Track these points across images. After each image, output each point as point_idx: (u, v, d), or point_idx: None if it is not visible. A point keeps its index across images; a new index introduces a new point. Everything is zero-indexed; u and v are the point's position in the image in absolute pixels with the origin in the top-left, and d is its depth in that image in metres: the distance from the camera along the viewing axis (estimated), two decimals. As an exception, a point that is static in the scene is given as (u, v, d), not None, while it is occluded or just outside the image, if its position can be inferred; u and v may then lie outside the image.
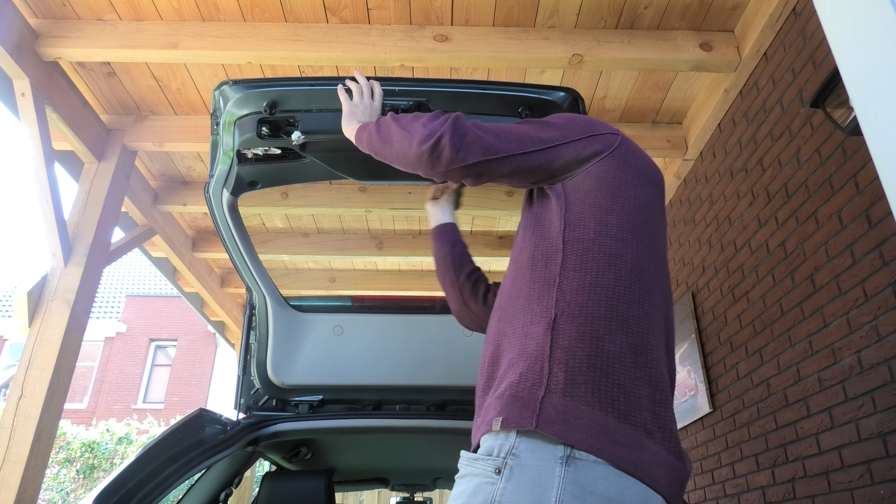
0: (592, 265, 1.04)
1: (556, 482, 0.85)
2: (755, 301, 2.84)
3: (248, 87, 1.56)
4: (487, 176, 1.16)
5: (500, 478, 0.88)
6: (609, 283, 1.02)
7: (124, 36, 2.72)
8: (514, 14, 2.71)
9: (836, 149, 2.26)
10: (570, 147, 1.15)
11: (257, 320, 2.35)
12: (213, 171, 1.77)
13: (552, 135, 1.16)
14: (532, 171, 1.15)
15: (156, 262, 4.74)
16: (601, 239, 1.06)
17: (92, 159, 3.21)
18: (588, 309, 0.99)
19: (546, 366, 0.96)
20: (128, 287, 20.12)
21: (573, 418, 0.90)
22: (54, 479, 11.19)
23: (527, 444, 0.89)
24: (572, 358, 0.95)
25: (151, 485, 1.59)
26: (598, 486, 0.85)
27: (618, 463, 0.87)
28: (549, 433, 0.88)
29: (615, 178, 1.13)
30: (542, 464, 0.87)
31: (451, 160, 1.13)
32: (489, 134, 1.15)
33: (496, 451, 0.91)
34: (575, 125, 1.19)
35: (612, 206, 1.10)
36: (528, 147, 1.14)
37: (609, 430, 0.89)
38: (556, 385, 0.93)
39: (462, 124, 1.15)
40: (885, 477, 1.96)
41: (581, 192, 1.12)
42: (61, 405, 2.77)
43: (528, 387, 0.95)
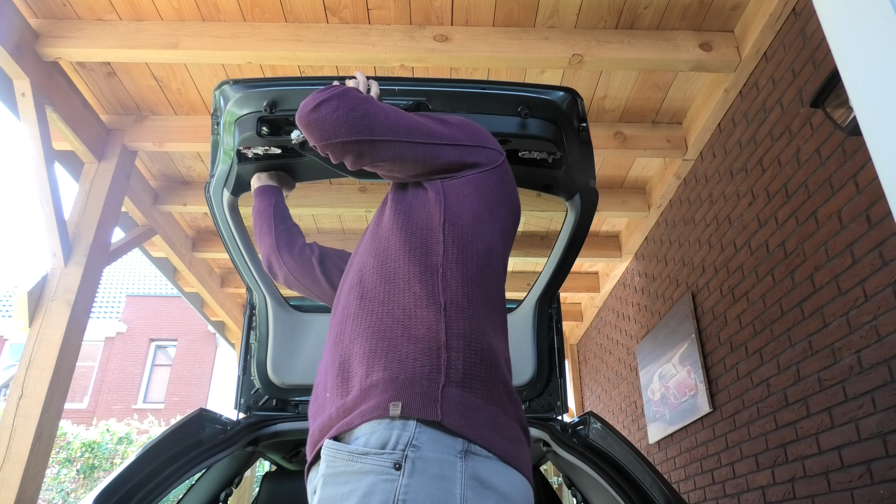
0: (472, 263, 1.05)
1: (459, 477, 0.81)
2: (755, 301, 2.84)
3: (249, 87, 1.56)
4: (369, 157, 1.13)
5: (401, 473, 0.80)
6: (484, 284, 1.04)
7: (124, 36, 2.72)
8: (514, 14, 2.71)
9: (836, 149, 2.26)
10: (457, 150, 1.16)
11: (257, 320, 2.36)
12: (213, 170, 1.77)
13: (444, 132, 1.16)
14: (414, 162, 1.13)
15: (156, 262, 4.74)
16: (477, 243, 1.07)
17: (92, 159, 3.21)
18: (473, 303, 1.00)
19: (444, 354, 0.92)
20: (128, 287, 20.12)
21: (471, 411, 0.87)
22: (54, 479, 11.19)
23: (427, 435, 0.83)
24: (468, 349, 0.93)
25: (151, 485, 1.59)
26: (492, 480, 0.84)
27: (506, 458, 0.87)
28: (451, 426, 0.84)
29: (491, 193, 1.15)
30: (444, 457, 0.82)
31: (335, 132, 1.10)
32: (381, 112, 1.13)
33: (392, 444, 0.83)
34: (467, 131, 1.20)
35: (487, 217, 1.12)
36: (417, 137, 1.13)
37: (499, 425, 0.89)
38: (455, 375, 0.90)
39: (353, 96, 1.12)
40: (884, 477, 1.96)
41: (460, 194, 1.12)
42: (61, 405, 2.77)
43: (425, 373, 0.89)
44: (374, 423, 0.86)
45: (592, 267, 5.33)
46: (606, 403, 5.45)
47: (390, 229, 1.12)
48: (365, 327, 1.01)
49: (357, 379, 0.95)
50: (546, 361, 2.33)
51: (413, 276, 1.02)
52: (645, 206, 4.03)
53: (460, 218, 1.09)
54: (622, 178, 3.98)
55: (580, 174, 1.74)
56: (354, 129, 1.10)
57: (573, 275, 5.38)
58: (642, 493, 1.71)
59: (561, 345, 2.36)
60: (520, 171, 1.77)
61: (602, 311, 5.61)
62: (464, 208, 1.11)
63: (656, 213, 4.04)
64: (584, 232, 1.89)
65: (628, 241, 4.54)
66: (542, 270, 2.21)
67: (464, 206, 1.11)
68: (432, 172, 1.15)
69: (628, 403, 4.82)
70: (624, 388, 4.94)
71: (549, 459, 2.33)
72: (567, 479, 2.20)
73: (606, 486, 1.74)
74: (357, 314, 1.04)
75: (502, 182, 1.18)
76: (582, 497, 2.13)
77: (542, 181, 1.82)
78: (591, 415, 2.09)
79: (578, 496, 2.15)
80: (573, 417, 4.41)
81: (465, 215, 1.10)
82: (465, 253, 1.05)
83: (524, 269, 5.23)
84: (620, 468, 1.81)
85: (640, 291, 4.50)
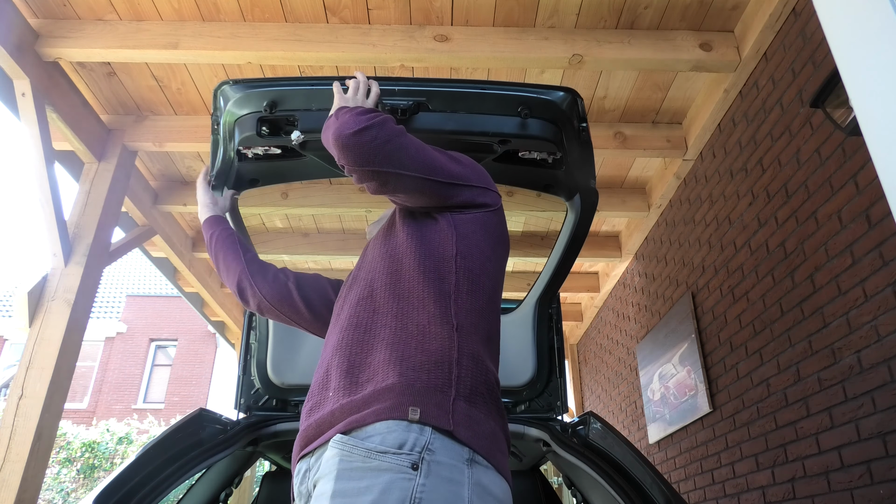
0: (480, 296, 1.14)
1: (466, 482, 0.88)
2: (755, 301, 2.84)
3: (249, 87, 1.56)
4: (392, 187, 1.20)
5: (418, 473, 0.85)
6: (488, 316, 1.14)
7: (124, 36, 2.72)
8: (514, 14, 2.71)
9: (835, 149, 2.26)
10: (470, 191, 1.25)
11: (257, 320, 2.36)
12: (213, 170, 1.77)
13: (459, 172, 1.25)
14: (432, 197, 1.22)
15: (156, 262, 4.74)
16: (483, 279, 1.17)
17: (92, 159, 3.21)
18: (479, 331, 1.10)
19: (455, 369, 1.00)
20: (128, 287, 20.12)
21: (476, 425, 0.96)
22: (54, 479, 11.19)
23: (440, 441, 0.91)
24: (475, 368, 1.03)
25: (151, 485, 1.59)
26: (492, 487, 0.92)
27: (500, 468, 0.96)
28: (460, 436, 0.92)
29: (494, 232, 1.25)
30: (454, 463, 0.89)
31: (368, 160, 1.16)
32: (411, 147, 1.20)
33: (410, 445, 0.88)
34: (476, 172, 1.29)
35: (491, 255, 1.21)
36: (437, 175, 1.21)
37: (497, 439, 0.99)
38: (464, 390, 0.99)
39: (391, 128, 1.20)
40: (884, 477, 1.96)
41: (469, 230, 1.21)
42: (61, 405, 2.77)
43: (438, 385, 0.97)
44: (391, 423, 0.91)
45: (592, 267, 5.33)
46: (606, 403, 5.45)
47: (404, 252, 1.19)
48: (380, 338, 1.08)
49: (369, 381, 1.01)
50: (546, 361, 2.33)
51: (428, 296, 1.10)
52: (645, 206, 4.03)
53: (470, 252, 1.18)
54: (622, 178, 3.98)
55: (580, 174, 1.74)
56: (387, 160, 1.17)
57: (573, 275, 5.38)
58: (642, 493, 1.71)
59: (561, 345, 2.36)
60: (520, 171, 1.77)
61: (602, 311, 5.61)
62: (472, 244, 1.20)
63: (656, 213, 4.04)
64: (584, 232, 1.89)
65: (628, 241, 4.54)
66: (542, 270, 2.21)
67: (472, 242, 1.20)
68: (446, 208, 1.24)
69: (628, 403, 4.82)
70: (624, 388, 4.94)
71: (549, 459, 2.33)
72: (567, 479, 2.20)
73: (606, 486, 1.74)
74: (370, 325, 1.11)
75: (501, 223, 1.28)
76: (582, 497, 2.13)
77: (542, 181, 1.82)
78: (590, 415, 2.09)
79: (578, 496, 2.15)
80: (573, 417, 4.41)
81: (475, 251, 1.19)
82: (474, 285, 1.15)
83: (524, 269, 5.23)
84: (620, 468, 1.81)
85: (640, 291, 4.50)
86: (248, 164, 1.74)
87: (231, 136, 1.65)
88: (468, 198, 1.25)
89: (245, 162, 1.73)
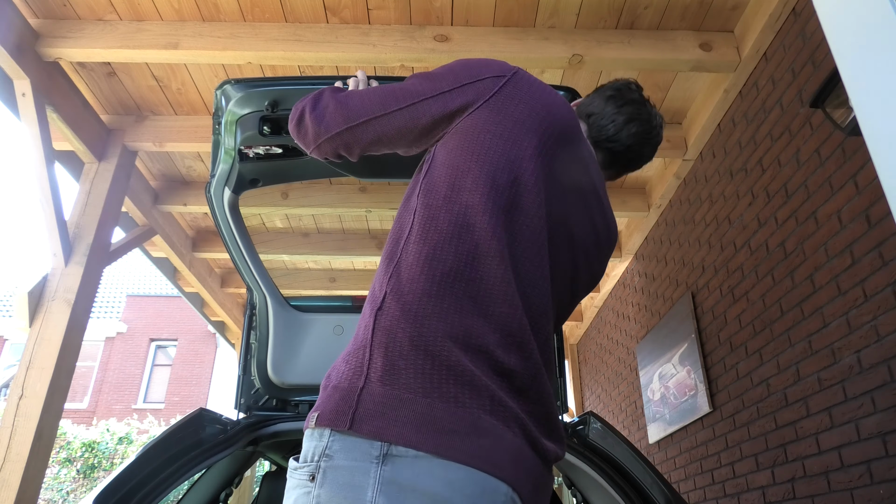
0: (434, 234, 0.90)
1: (371, 483, 0.76)
2: (755, 301, 2.84)
3: (250, 87, 1.56)
4: (357, 145, 1.08)
5: (315, 484, 0.78)
6: (448, 256, 0.89)
7: (124, 36, 2.73)
8: (514, 14, 2.71)
9: (835, 149, 2.26)
10: (438, 101, 1.01)
11: (257, 320, 2.36)
12: (214, 170, 1.77)
13: (422, 88, 1.03)
14: (398, 133, 1.04)
15: (156, 262, 4.74)
16: (449, 205, 0.92)
17: (92, 159, 3.21)
18: (419, 285, 0.87)
19: (367, 352, 0.85)
20: (128, 287, 20.12)
21: (391, 410, 0.79)
22: (54, 478, 11.19)
23: (340, 442, 0.80)
24: (392, 340, 0.84)
25: (151, 485, 1.59)
26: (419, 481, 0.76)
27: (445, 454, 0.77)
28: (363, 433, 0.79)
29: (482, 132, 0.96)
30: (356, 464, 0.77)
31: (316, 134, 1.10)
32: (352, 99, 1.07)
33: (311, 455, 0.81)
34: (453, 73, 1.03)
35: (471, 165, 0.94)
36: (391, 106, 1.03)
37: (434, 419, 0.79)
38: (375, 373, 0.83)
39: (325, 97, 1.11)
40: (884, 477, 1.96)
41: (445, 151, 0.98)
42: (61, 405, 2.77)
43: (348, 377, 0.85)
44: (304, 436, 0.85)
45: (592, 267, 5.33)
46: (606, 403, 5.45)
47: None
48: None
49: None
50: (546, 361, 2.33)
51: (378, 272, 0.95)
52: (645, 206, 4.03)
53: (436, 182, 0.95)
54: (622, 178, 3.98)
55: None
56: (330, 124, 1.08)
57: (573, 275, 5.37)
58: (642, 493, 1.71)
59: (561, 345, 2.36)
60: None
61: (602, 311, 5.61)
62: (444, 168, 0.95)
63: (656, 213, 4.04)
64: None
65: (628, 241, 4.54)
66: (542, 270, 2.20)
67: (444, 166, 0.96)
68: (424, 136, 1.03)
69: (628, 403, 4.82)
70: (624, 388, 4.94)
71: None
72: (567, 479, 2.20)
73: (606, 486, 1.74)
74: None
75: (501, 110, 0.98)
76: (582, 497, 2.13)
77: None
78: (591, 415, 2.09)
79: (578, 496, 2.15)
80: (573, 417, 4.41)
81: (443, 175, 0.95)
82: (428, 225, 0.92)
83: (524, 269, 5.23)
84: (620, 468, 1.81)
85: (640, 291, 4.50)
86: (249, 164, 1.74)
87: (232, 136, 1.66)
88: (438, 110, 1.00)
89: (246, 162, 1.73)
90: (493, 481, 0.78)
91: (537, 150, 0.97)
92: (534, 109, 0.99)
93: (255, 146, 1.68)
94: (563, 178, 1.02)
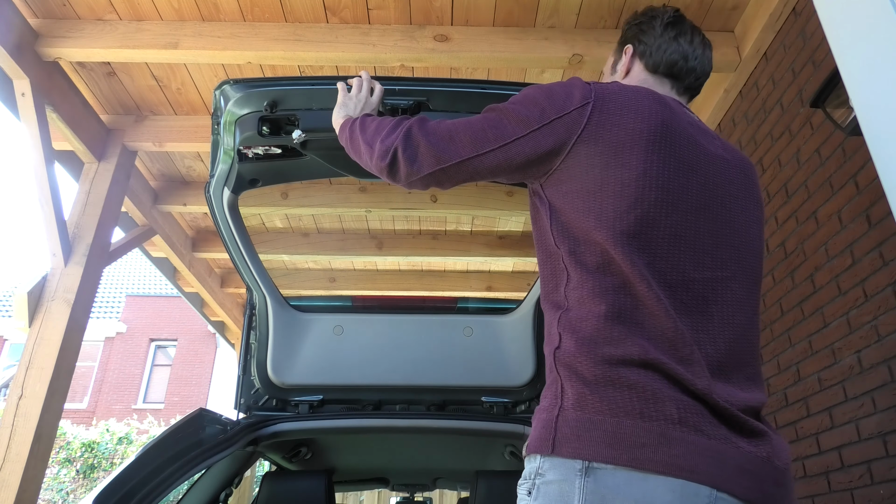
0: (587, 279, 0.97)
1: (577, 493, 0.85)
2: (755, 301, 2.84)
3: (249, 87, 1.56)
4: (449, 181, 1.13)
5: (531, 498, 0.90)
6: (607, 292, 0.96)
7: (124, 36, 2.72)
8: (514, 14, 2.71)
9: (836, 149, 2.26)
10: (529, 140, 1.03)
11: (257, 320, 2.36)
12: (213, 170, 1.77)
13: (512, 127, 1.05)
14: (491, 172, 1.09)
15: (156, 262, 4.74)
16: (586, 248, 0.98)
17: (92, 159, 3.21)
18: (588, 322, 0.95)
19: (559, 385, 0.96)
20: (128, 287, 20.12)
21: (585, 432, 0.88)
22: (54, 479, 11.19)
23: (549, 462, 0.90)
24: (575, 373, 0.94)
25: (151, 485, 1.59)
26: (621, 490, 0.84)
27: (639, 465, 0.84)
28: (565, 455, 0.88)
29: (591, 168, 0.99)
30: (563, 478, 0.87)
31: (409, 174, 1.12)
32: (443, 140, 1.10)
33: (529, 474, 0.93)
34: (539, 108, 1.04)
35: (591, 204, 0.98)
36: (483, 147, 1.07)
37: (624, 435, 0.86)
38: (568, 402, 0.93)
39: (414, 135, 1.12)
40: (885, 477, 1.96)
41: (561, 194, 1.03)
42: (61, 405, 2.77)
43: (547, 407, 0.96)
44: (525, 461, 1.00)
45: (592, 267, 5.33)
46: (606, 403, 5.44)
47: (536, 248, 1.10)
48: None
49: None
50: (546, 361, 2.33)
51: (548, 309, 1.04)
52: (645, 206, 4.02)
53: (568, 228, 1.01)
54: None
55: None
56: (423, 165, 1.11)
57: (573, 275, 5.37)
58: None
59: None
60: None
61: (602, 311, 5.60)
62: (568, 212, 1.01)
63: (656, 213, 4.03)
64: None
65: (628, 241, 4.53)
66: (543, 270, 2.20)
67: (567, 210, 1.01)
68: (519, 171, 1.07)
69: (628, 403, 4.82)
70: (624, 388, 4.94)
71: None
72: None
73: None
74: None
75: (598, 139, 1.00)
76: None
77: None
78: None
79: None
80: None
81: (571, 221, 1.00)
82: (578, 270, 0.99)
83: (524, 269, 5.23)
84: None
85: (640, 291, 4.49)
86: (249, 164, 1.74)
87: (232, 136, 1.65)
88: (531, 150, 1.03)
89: (245, 162, 1.73)
90: (693, 486, 0.83)
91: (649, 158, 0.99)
92: (626, 127, 1.00)
93: (255, 146, 1.68)
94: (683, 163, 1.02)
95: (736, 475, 0.85)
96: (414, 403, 2.45)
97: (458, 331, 2.46)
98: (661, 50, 1.25)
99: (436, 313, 2.47)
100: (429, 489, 3.42)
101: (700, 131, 1.10)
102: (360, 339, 2.43)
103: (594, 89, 1.04)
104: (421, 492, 3.45)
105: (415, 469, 3.14)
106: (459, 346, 2.45)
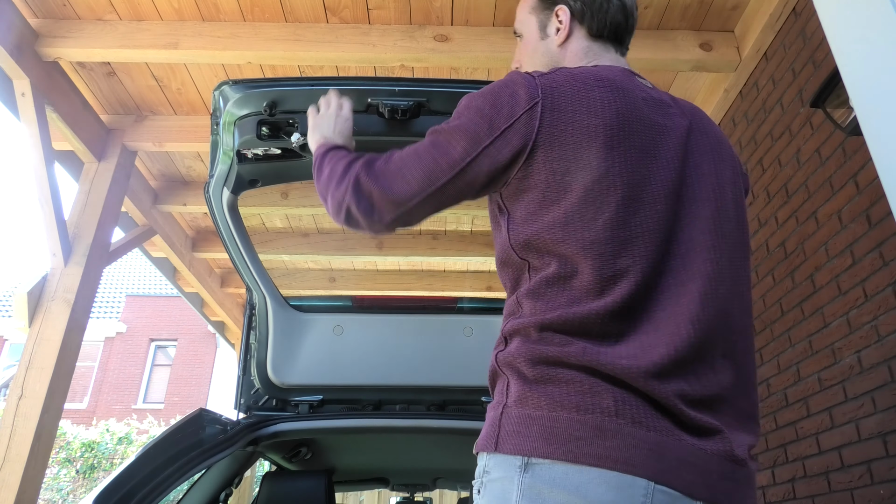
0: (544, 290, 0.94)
1: (516, 489, 0.85)
2: (755, 301, 2.84)
3: (248, 88, 1.56)
4: (415, 219, 1.06)
5: (480, 497, 0.91)
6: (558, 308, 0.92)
7: (124, 36, 2.72)
8: (514, 14, 2.71)
9: (836, 149, 2.26)
10: (485, 158, 0.97)
11: (257, 320, 2.36)
12: (213, 170, 1.77)
13: (462, 150, 0.98)
14: (456, 198, 1.03)
15: (156, 262, 4.74)
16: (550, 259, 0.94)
17: (92, 159, 3.21)
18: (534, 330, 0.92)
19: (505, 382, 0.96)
20: (128, 287, 20.12)
21: (525, 428, 0.88)
22: (54, 479, 11.20)
23: (494, 460, 0.91)
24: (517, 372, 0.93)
25: (151, 485, 1.59)
26: (557, 484, 0.83)
27: (575, 459, 0.82)
28: (506, 451, 0.88)
29: (552, 174, 0.94)
30: (505, 475, 0.88)
31: (370, 225, 1.06)
32: (395, 181, 1.02)
33: (478, 473, 0.94)
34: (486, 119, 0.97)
35: (556, 214, 0.93)
36: (439, 180, 0.99)
37: (560, 429, 0.84)
38: (511, 399, 0.92)
39: (363, 184, 1.04)
40: (885, 477, 1.96)
41: (522, 204, 0.97)
42: (61, 405, 2.77)
43: (493, 405, 0.96)
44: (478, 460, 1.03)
45: (592, 267, 5.33)
46: (606, 403, 5.45)
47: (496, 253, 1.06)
48: None
49: None
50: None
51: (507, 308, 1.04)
52: (645, 206, 4.02)
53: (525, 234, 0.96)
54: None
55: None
56: (382, 213, 1.04)
57: (573, 275, 5.38)
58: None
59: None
60: None
61: (602, 311, 5.60)
62: (527, 216, 0.96)
63: (656, 213, 4.04)
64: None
65: (628, 241, 4.53)
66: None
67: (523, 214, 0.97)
68: (484, 189, 1.02)
69: (628, 403, 4.82)
70: (624, 388, 4.94)
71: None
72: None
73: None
74: None
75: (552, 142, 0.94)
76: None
77: None
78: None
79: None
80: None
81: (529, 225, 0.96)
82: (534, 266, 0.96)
83: (524, 269, 5.23)
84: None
85: (640, 291, 4.49)
86: (248, 165, 1.74)
87: (231, 137, 1.65)
88: (489, 167, 0.97)
89: (245, 162, 1.73)
90: (629, 478, 0.81)
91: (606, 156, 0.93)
92: (581, 124, 0.95)
93: (254, 147, 1.68)
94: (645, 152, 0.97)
95: (676, 468, 0.82)
96: (414, 403, 2.45)
97: (458, 331, 2.46)
98: (602, 10, 1.13)
99: (436, 313, 2.47)
100: (429, 489, 3.42)
101: (654, 104, 1.02)
102: (360, 339, 2.43)
103: (539, 84, 0.97)
104: (421, 492, 3.46)
105: (415, 469, 3.14)
106: (459, 346, 2.45)
